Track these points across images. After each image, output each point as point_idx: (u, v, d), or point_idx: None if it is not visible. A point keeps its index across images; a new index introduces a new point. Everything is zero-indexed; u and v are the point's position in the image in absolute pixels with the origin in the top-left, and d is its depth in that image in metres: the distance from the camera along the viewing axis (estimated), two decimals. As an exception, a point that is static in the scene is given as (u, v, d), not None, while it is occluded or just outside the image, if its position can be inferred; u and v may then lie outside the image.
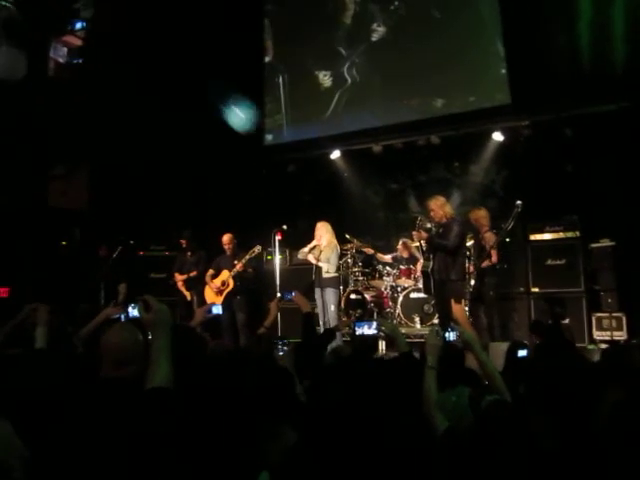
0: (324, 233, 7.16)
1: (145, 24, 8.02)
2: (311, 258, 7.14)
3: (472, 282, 6.51)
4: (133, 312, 1.94)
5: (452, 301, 5.91)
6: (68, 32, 7.00)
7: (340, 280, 7.59)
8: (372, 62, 8.92)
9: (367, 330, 3.25)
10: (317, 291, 7.11)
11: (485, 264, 6.45)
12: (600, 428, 1.80)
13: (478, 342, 2.79)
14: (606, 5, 7.09)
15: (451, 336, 2.71)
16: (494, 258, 6.61)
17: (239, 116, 9.07)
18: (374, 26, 8.82)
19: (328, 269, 7.05)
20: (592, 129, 7.31)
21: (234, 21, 9.19)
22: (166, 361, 1.82)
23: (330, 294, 7.03)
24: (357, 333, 3.25)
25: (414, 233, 6.45)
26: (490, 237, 6.50)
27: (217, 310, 4.06)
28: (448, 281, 5.98)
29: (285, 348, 3.19)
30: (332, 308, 6.99)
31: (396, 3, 8.64)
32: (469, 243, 6.93)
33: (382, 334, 3.20)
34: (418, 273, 8.17)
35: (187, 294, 7.89)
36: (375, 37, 8.88)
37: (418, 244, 6.75)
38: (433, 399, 2.27)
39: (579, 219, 7.19)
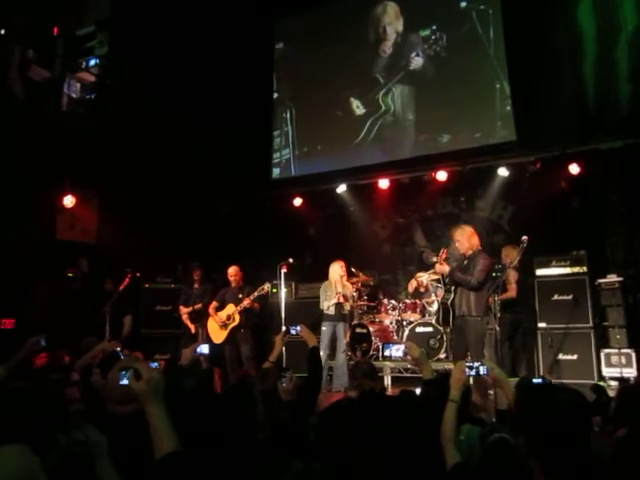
0: (345, 272, 7.43)
1: (157, 62, 8.20)
2: (339, 298, 7.23)
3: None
4: (123, 380, 1.93)
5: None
6: (82, 69, 7.17)
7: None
8: (384, 100, 9.05)
9: (395, 352, 3.26)
10: (329, 325, 7.14)
11: (504, 297, 6.42)
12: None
13: (508, 380, 2.77)
14: (610, 45, 7.22)
15: (481, 370, 2.71)
16: (512, 292, 6.61)
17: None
18: (413, 54, 8.92)
19: (348, 305, 7.35)
20: (598, 165, 7.35)
21: (245, 57, 9.40)
22: (166, 426, 1.82)
23: (344, 328, 7.32)
24: (385, 354, 3.29)
25: (437, 266, 5.98)
26: (514, 274, 6.53)
27: (204, 350, 4.10)
28: (469, 317, 5.60)
29: (285, 378, 3.15)
30: (345, 340, 7.31)
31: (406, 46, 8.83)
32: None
33: (409, 357, 3.18)
34: (431, 307, 8.10)
35: (192, 327, 7.89)
36: (392, 77, 9.04)
37: (439, 277, 6.59)
38: (450, 432, 2.27)
39: (586, 254, 7.17)
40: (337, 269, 7.38)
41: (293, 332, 4.00)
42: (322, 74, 9.62)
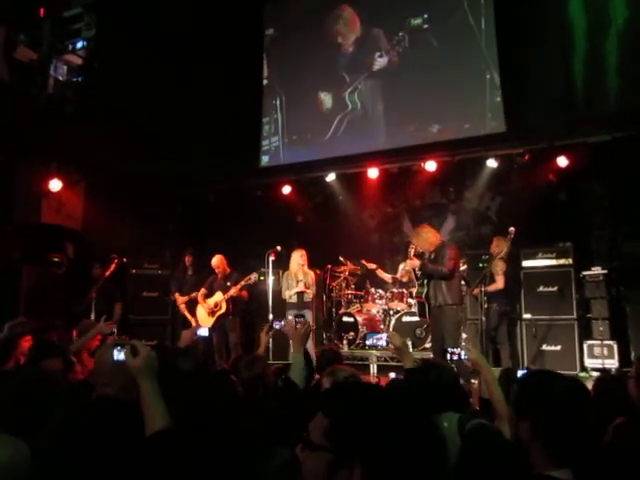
0: (305, 261, 7.41)
1: (145, 46, 8.10)
2: (301, 287, 7.25)
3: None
4: (119, 355, 1.98)
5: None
6: (69, 51, 7.05)
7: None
8: (373, 88, 8.99)
9: (377, 341, 3.33)
10: (293, 313, 7.18)
11: (492, 288, 6.52)
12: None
13: (487, 363, 2.81)
14: (601, 39, 7.24)
15: (462, 355, 2.75)
16: (500, 283, 6.69)
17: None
18: (376, 54, 8.90)
19: (310, 293, 7.36)
20: (585, 158, 7.39)
21: (234, 43, 9.30)
22: (159, 403, 1.88)
23: (310, 316, 7.26)
24: (367, 343, 3.36)
25: (408, 261, 6.22)
26: (502, 265, 6.59)
27: (204, 332, 4.13)
28: (445, 306, 5.81)
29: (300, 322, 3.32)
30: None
31: (400, 34, 8.75)
32: (462, 267, 6.98)
33: (391, 346, 3.23)
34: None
35: (193, 320, 7.74)
36: (377, 65, 8.97)
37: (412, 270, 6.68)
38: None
39: (572, 246, 7.24)
40: (297, 258, 7.38)
41: (277, 327, 4.06)
42: (308, 62, 9.56)
